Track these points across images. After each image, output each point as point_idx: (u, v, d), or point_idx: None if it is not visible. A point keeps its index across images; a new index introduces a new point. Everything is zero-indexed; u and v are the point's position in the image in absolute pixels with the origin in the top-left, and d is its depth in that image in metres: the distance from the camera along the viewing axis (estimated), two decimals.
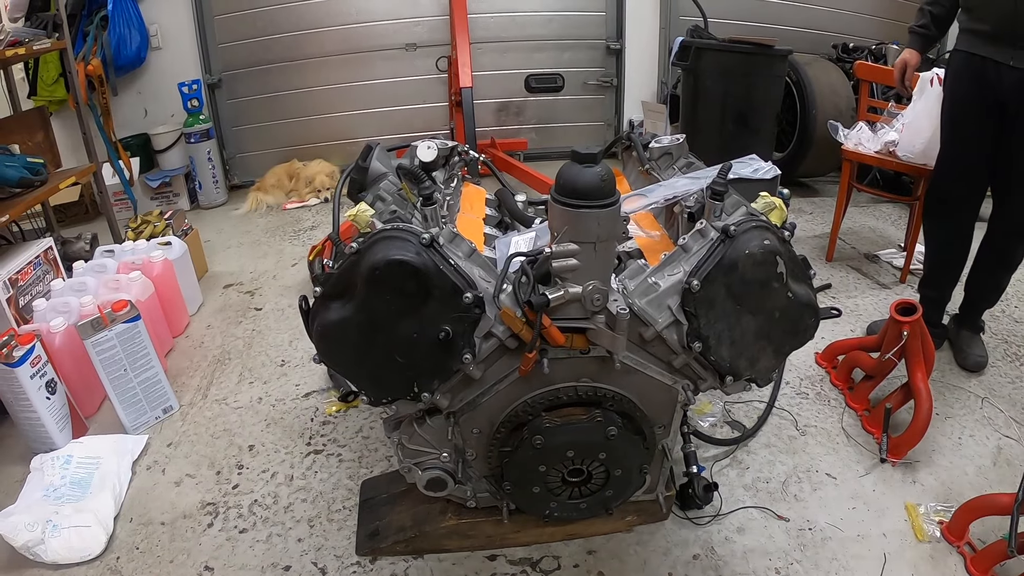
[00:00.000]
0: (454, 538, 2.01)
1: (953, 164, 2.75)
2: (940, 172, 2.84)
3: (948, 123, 2.76)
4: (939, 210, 2.89)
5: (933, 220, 2.94)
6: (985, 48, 2.52)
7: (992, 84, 2.51)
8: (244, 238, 4.68)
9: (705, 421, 2.53)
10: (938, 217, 2.91)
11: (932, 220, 2.95)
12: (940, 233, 2.94)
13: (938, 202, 2.88)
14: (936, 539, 2.04)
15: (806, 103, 4.65)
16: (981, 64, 2.54)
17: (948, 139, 2.77)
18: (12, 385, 2.34)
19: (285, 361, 3.09)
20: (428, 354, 1.51)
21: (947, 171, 2.79)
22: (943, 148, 2.81)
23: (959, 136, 2.71)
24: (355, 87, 5.72)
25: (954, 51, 2.69)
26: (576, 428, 1.62)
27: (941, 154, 2.83)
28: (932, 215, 2.93)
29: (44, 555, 2.02)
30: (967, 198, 2.79)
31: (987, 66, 2.52)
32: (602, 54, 5.92)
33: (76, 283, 2.96)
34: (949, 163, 2.77)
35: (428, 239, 1.45)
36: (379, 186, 1.96)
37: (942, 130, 2.82)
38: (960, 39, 2.65)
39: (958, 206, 2.82)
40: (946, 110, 2.77)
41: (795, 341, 1.69)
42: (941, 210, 2.88)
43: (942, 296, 3.02)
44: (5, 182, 3.07)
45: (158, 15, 5.15)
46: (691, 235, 1.61)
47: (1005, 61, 2.45)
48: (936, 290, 3.01)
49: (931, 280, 3.02)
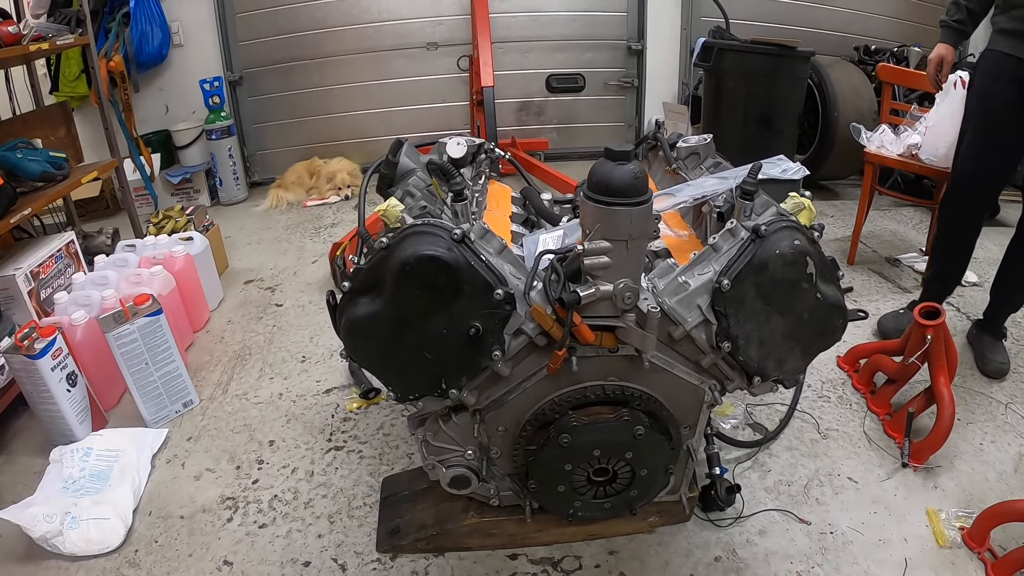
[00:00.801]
0: (476, 536, 2.00)
1: (980, 164, 2.73)
2: (966, 171, 2.80)
3: (979, 123, 2.72)
4: (960, 207, 2.87)
5: (952, 217, 2.92)
6: (1019, 48, 2.49)
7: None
8: (264, 234, 4.69)
9: (727, 423, 2.52)
10: (957, 215, 2.89)
11: (951, 217, 2.92)
12: (956, 231, 2.92)
13: (961, 200, 2.85)
14: (957, 545, 2.02)
15: (828, 105, 4.62)
16: (1018, 65, 2.51)
17: (976, 139, 2.74)
18: (33, 377, 2.35)
19: (306, 357, 3.09)
20: (457, 350, 1.51)
21: (974, 171, 2.76)
22: (970, 147, 2.77)
23: (991, 137, 2.67)
24: (376, 85, 5.73)
25: (987, 51, 2.66)
26: (603, 427, 1.61)
27: (966, 153, 2.79)
28: (952, 212, 2.91)
29: (62, 547, 2.03)
30: (988, 196, 2.81)
31: (1021, 65, 2.49)
32: (623, 54, 5.90)
33: (98, 277, 2.97)
34: (976, 162, 2.74)
35: (460, 235, 1.44)
36: (408, 181, 1.96)
37: (967, 130, 2.79)
38: (995, 39, 2.62)
39: (979, 204, 2.82)
40: (975, 110, 2.74)
41: (823, 342, 1.68)
42: (962, 208, 2.86)
43: (947, 291, 3.04)
44: (27, 176, 3.09)
45: (180, 12, 5.18)
46: (721, 234, 1.61)
47: None
48: (943, 284, 3.03)
49: (939, 275, 3.03)
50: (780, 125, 4.31)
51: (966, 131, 2.79)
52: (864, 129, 3.73)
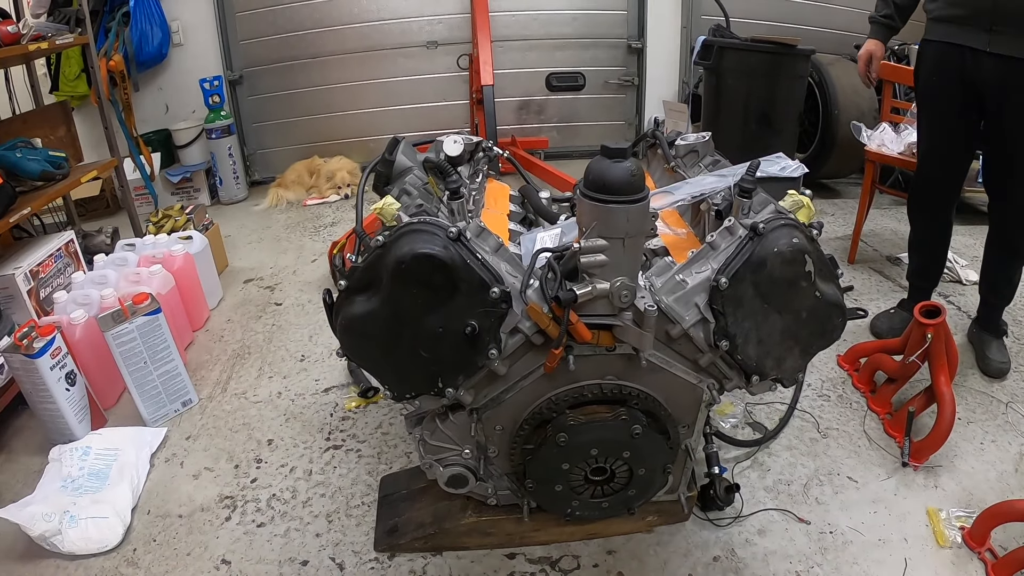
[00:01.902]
0: (474, 536, 2.00)
1: (934, 164, 2.77)
2: (922, 171, 2.86)
3: (927, 117, 2.76)
4: (922, 205, 2.91)
5: (920, 213, 2.95)
6: (960, 35, 2.48)
7: (970, 73, 2.48)
8: (264, 233, 4.70)
9: (727, 422, 2.51)
10: (919, 212, 2.94)
11: (915, 215, 2.97)
12: (923, 228, 2.96)
13: (921, 198, 2.90)
14: (957, 545, 2.01)
15: (828, 103, 4.62)
16: (957, 53, 2.51)
17: (929, 133, 2.77)
18: (32, 376, 2.35)
19: (305, 356, 3.09)
20: (453, 349, 1.50)
21: (929, 171, 2.81)
22: (924, 142, 2.81)
23: (941, 129, 2.70)
24: (376, 84, 5.73)
25: (924, 42, 2.67)
26: (600, 426, 1.61)
27: (923, 148, 2.83)
28: (915, 210, 2.95)
29: (61, 545, 2.03)
30: (952, 188, 2.80)
31: (964, 54, 2.48)
32: (623, 53, 5.90)
33: (97, 276, 2.97)
34: (931, 163, 2.78)
35: (455, 233, 1.44)
36: (405, 180, 1.96)
37: (919, 125, 2.82)
38: (930, 29, 2.62)
39: (945, 197, 2.83)
40: (922, 104, 2.77)
41: (822, 341, 1.67)
42: (924, 206, 2.90)
43: (930, 284, 3.06)
44: (27, 175, 3.09)
45: (180, 11, 5.19)
46: (719, 232, 1.60)
47: (982, 47, 2.42)
48: (925, 279, 3.05)
49: (918, 270, 3.05)
50: (781, 123, 4.30)
51: (920, 129, 2.83)
52: (864, 127, 3.73)
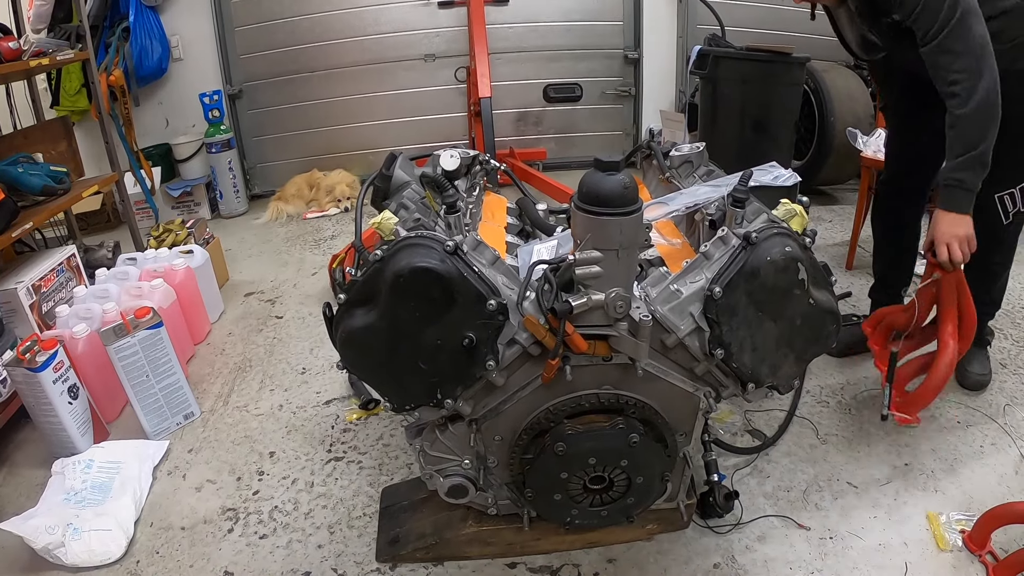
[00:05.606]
0: (475, 545, 2.01)
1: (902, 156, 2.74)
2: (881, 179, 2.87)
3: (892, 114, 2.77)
4: (881, 212, 2.90)
5: (875, 222, 2.95)
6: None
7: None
8: (265, 247, 4.72)
9: (726, 430, 2.52)
10: (878, 219, 2.92)
11: (875, 222, 2.96)
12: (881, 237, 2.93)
13: (881, 205, 2.89)
14: (958, 548, 2.01)
15: (824, 110, 4.64)
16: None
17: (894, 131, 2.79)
18: (35, 390, 2.36)
19: (306, 369, 3.10)
20: (452, 361, 1.52)
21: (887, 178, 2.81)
22: (891, 142, 2.82)
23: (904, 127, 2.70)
24: (374, 98, 5.76)
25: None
26: (598, 435, 1.62)
27: (890, 149, 2.83)
28: (875, 217, 2.95)
29: (64, 558, 2.04)
30: (905, 202, 2.78)
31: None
32: (620, 63, 5.92)
33: (99, 290, 2.99)
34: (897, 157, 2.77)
35: (452, 246, 1.46)
36: (402, 194, 1.97)
37: (888, 123, 2.84)
38: None
39: (896, 211, 2.81)
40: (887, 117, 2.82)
41: (817, 348, 1.69)
42: (883, 213, 2.89)
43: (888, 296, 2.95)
44: (29, 190, 3.11)
45: (180, 26, 5.22)
46: (712, 242, 1.62)
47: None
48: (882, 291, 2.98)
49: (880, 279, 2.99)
50: (777, 131, 4.31)
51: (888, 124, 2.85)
52: (860, 134, 3.74)
